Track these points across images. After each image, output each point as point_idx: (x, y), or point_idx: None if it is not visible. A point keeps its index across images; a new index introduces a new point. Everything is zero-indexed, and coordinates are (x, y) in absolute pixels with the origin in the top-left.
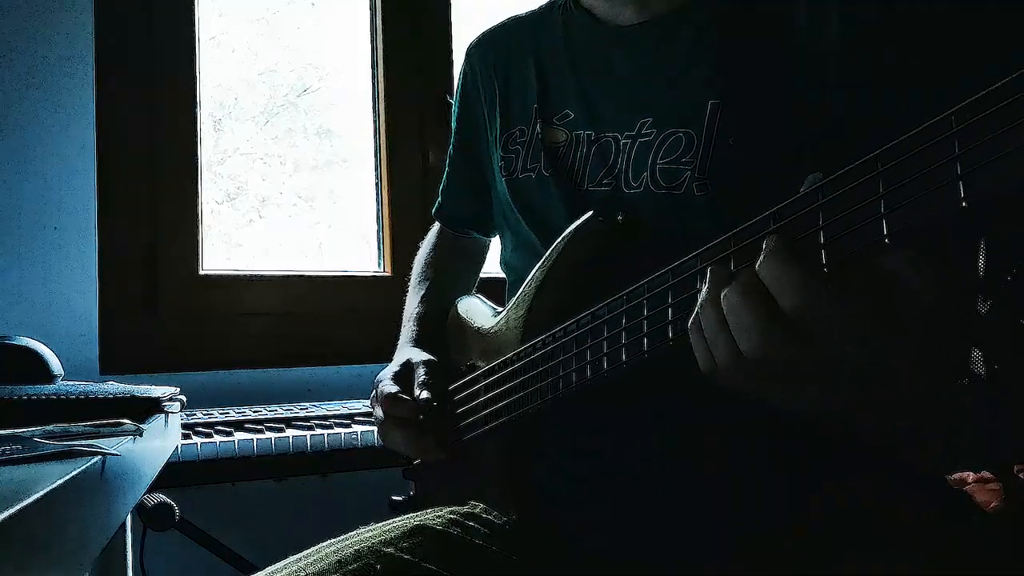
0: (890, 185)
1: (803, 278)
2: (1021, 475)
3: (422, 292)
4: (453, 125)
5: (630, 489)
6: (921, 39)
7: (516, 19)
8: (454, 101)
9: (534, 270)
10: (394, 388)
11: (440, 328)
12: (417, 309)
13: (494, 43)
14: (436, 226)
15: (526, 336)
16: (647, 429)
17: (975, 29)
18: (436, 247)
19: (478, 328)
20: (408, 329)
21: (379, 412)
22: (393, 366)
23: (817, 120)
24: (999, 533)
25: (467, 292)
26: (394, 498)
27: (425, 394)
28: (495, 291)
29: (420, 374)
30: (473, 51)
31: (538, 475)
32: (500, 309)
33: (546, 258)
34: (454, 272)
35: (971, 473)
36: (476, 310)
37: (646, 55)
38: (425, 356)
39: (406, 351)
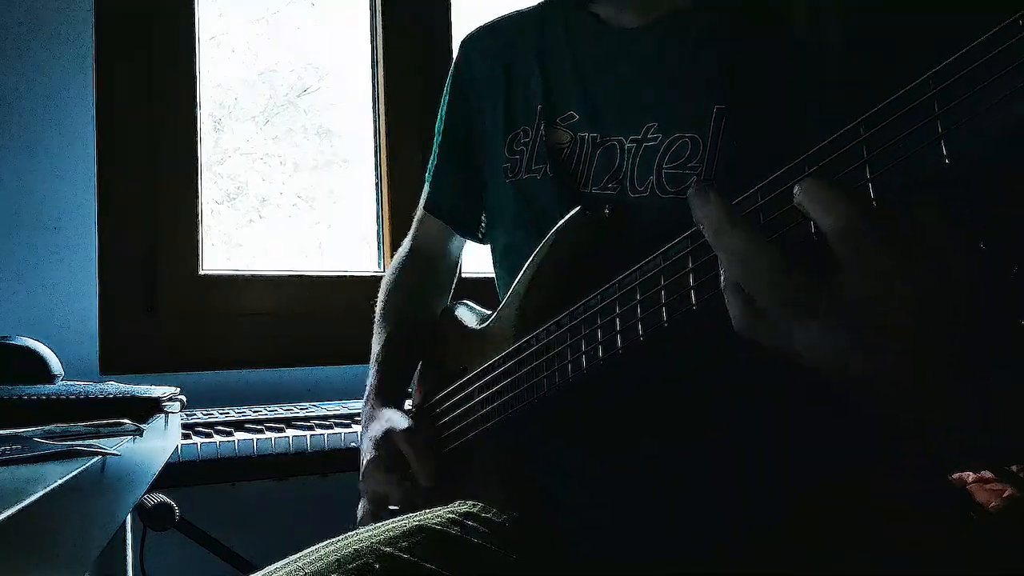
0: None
1: (847, 198)
2: (1022, 474)
3: (385, 334)
4: (442, 114)
5: (630, 489)
6: (922, 38)
7: (515, 15)
8: (445, 91)
9: (524, 268)
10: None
11: (405, 373)
12: (381, 354)
13: (494, 38)
14: (400, 252)
15: (518, 334)
16: (649, 429)
17: (977, 28)
18: (400, 271)
19: (470, 330)
20: (372, 376)
21: (367, 504)
22: (370, 444)
23: (821, 121)
24: (999, 533)
25: (433, 317)
26: (391, 507)
27: (426, 479)
28: (490, 292)
29: (411, 452)
30: (471, 43)
31: (538, 473)
32: (490, 313)
33: (535, 255)
34: (420, 295)
35: (971, 473)
36: (467, 314)
37: (650, 58)
38: (402, 422)
39: (379, 420)
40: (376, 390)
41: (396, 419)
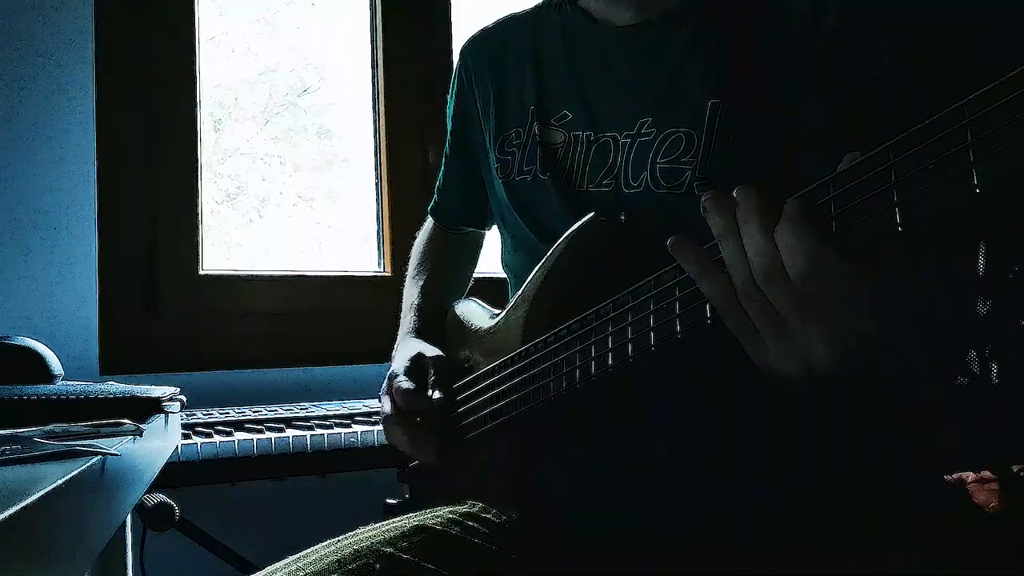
0: (903, 174)
1: (822, 249)
2: (1022, 474)
3: (421, 283)
4: (448, 124)
5: (632, 491)
6: (919, 34)
7: (512, 18)
8: (449, 100)
9: (534, 271)
10: (411, 384)
11: (439, 320)
12: (417, 300)
13: (489, 42)
14: (428, 222)
15: (526, 336)
16: (654, 433)
17: (974, 24)
18: (432, 238)
19: (476, 329)
20: (409, 319)
21: (387, 406)
22: (404, 360)
23: (816, 116)
24: (999, 533)
25: (465, 283)
26: (388, 501)
27: (439, 394)
28: (495, 291)
29: (432, 372)
30: (467, 50)
31: (540, 474)
32: (498, 311)
33: (546, 258)
34: (451, 264)
35: (971, 473)
36: (473, 312)
37: (644, 55)
38: (435, 351)
39: (414, 344)
40: (414, 330)
41: (430, 349)
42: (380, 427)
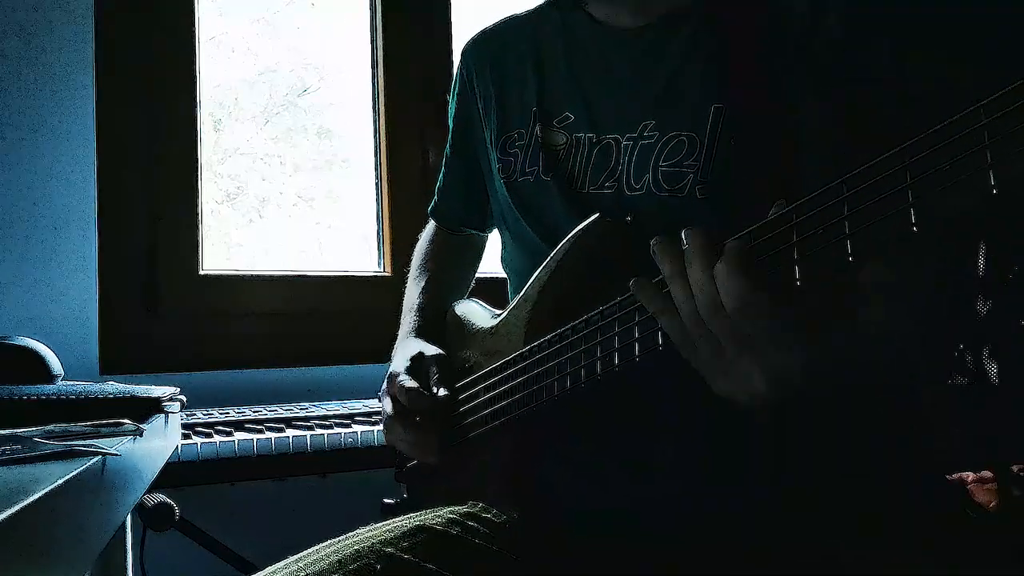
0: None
1: (749, 290)
2: (1022, 474)
3: (422, 284)
4: (450, 125)
5: (633, 490)
6: (919, 34)
7: (513, 19)
8: (450, 101)
9: (538, 271)
10: (414, 383)
11: (440, 321)
12: (418, 300)
13: (490, 43)
14: (431, 224)
15: (528, 336)
16: (658, 433)
17: (974, 24)
18: (434, 240)
19: (478, 329)
20: (410, 319)
21: (389, 406)
22: (403, 360)
23: (816, 116)
24: (999, 533)
25: (466, 286)
26: (386, 501)
27: (443, 391)
28: (495, 291)
29: (435, 371)
30: (469, 51)
31: (541, 474)
32: (499, 312)
33: (551, 258)
34: (453, 266)
35: (971, 473)
36: (474, 312)
37: (647, 57)
38: (435, 350)
39: (414, 343)
40: (415, 330)
41: (431, 348)
42: (380, 427)
